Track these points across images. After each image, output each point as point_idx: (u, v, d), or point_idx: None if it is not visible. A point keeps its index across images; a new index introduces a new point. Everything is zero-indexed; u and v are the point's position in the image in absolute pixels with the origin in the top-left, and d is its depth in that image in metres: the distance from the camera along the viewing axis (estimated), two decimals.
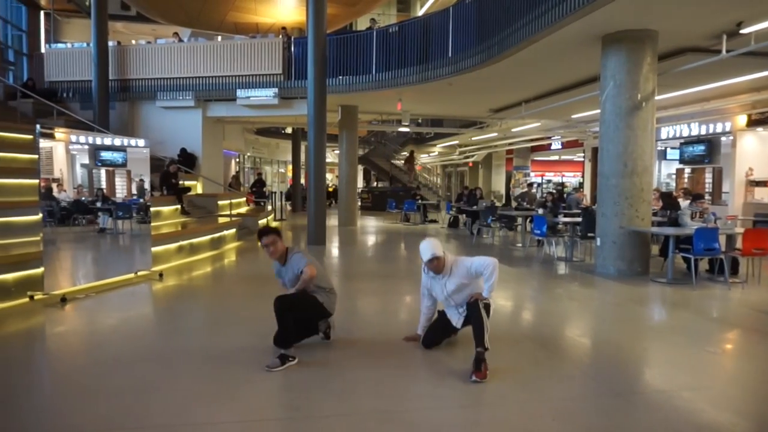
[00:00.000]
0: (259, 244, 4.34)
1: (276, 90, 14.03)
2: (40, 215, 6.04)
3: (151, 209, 8.84)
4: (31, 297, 5.82)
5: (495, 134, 21.34)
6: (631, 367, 4.27)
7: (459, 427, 3.08)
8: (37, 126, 5.98)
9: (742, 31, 7.45)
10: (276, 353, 3.99)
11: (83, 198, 9.91)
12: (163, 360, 4.17)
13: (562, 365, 4.21)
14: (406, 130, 21.63)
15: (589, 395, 3.64)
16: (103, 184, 10.20)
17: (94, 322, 5.42)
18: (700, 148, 14.98)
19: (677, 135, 16.01)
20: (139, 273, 7.43)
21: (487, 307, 4.06)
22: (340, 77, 13.54)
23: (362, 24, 21.22)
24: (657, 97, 8.31)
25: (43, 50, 17.25)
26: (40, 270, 5.89)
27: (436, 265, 4.16)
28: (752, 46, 7.33)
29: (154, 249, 8.00)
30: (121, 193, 10.36)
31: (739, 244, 7.72)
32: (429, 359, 4.25)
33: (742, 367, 4.33)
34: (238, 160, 24.89)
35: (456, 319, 4.30)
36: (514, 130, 19.62)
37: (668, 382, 3.79)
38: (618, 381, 3.84)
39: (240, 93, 14.22)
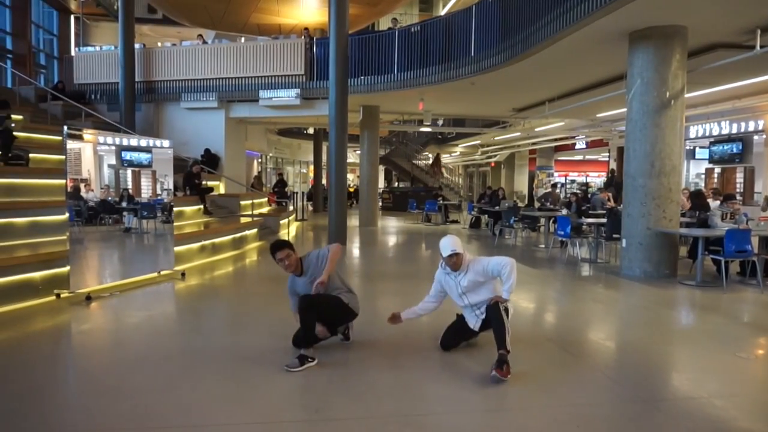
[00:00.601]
0: (274, 259, 4.27)
1: (298, 90, 14.10)
2: (67, 215, 6.14)
3: (174, 209, 8.92)
4: (58, 295, 5.93)
5: (518, 134, 21.11)
6: (659, 372, 4.14)
7: (481, 430, 3.02)
8: (65, 128, 6.08)
9: None
10: (295, 353, 3.98)
11: (110, 198, 10.12)
12: (185, 359, 4.19)
13: (587, 369, 4.11)
14: (428, 130, 21.55)
15: (615, 401, 3.54)
16: (129, 185, 10.39)
17: (119, 320, 5.50)
18: (731, 147, 14.57)
19: (707, 134, 15.61)
20: (162, 272, 7.52)
21: (506, 310, 4.00)
22: (362, 77, 13.53)
23: (384, 24, 21.21)
24: (686, 95, 8.10)
25: (72, 53, 17.66)
26: (67, 269, 5.99)
27: (455, 261, 4.11)
28: None
29: (176, 248, 8.09)
30: (146, 193, 10.53)
31: None
32: (449, 361, 4.19)
33: None
34: (260, 160, 25.13)
35: (473, 322, 4.25)
36: (537, 129, 19.39)
37: (698, 389, 3.66)
38: (645, 387, 3.72)
39: (262, 94, 14.34)
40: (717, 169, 16.16)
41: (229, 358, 4.15)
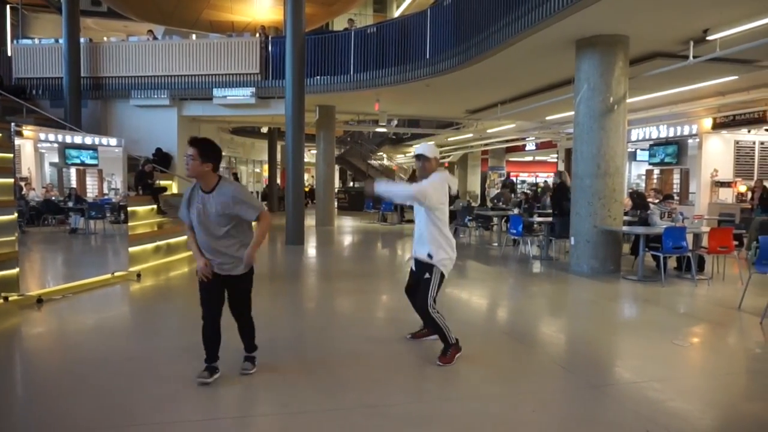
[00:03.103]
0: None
1: (253, 89, 13.95)
2: (16, 215, 5.91)
3: (128, 209, 8.70)
4: (6, 298, 5.72)
5: (471, 135, 21.59)
6: (605, 360, 4.44)
7: (443, 417, 3.17)
8: (12, 124, 5.85)
9: (708, 38, 7.76)
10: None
11: (53, 198, 9.72)
12: (147, 360, 4.16)
13: (540, 359, 4.36)
14: (383, 130, 21.73)
15: (566, 387, 3.79)
16: (73, 184, 10.01)
17: (74, 322, 5.35)
18: (668, 150, 15.47)
19: (647, 137, 16.47)
20: (116, 274, 7.34)
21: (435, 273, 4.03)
22: (318, 77, 13.55)
23: (338, 24, 21.23)
24: (628, 100, 8.57)
25: (9, 45, 16.79)
26: (15, 271, 5.78)
27: (421, 165, 4.11)
28: (717, 53, 7.65)
29: (131, 249, 7.90)
30: (92, 192, 10.19)
31: (705, 242, 8.02)
32: (412, 354, 4.33)
33: (708, 359, 4.54)
34: None
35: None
36: (489, 131, 19.90)
37: (640, 374, 3.96)
38: (593, 373, 3.99)
39: (216, 92, 14.11)
40: (656, 171, 17.10)
41: (193, 357, 4.14)
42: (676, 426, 3.07)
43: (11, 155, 5.91)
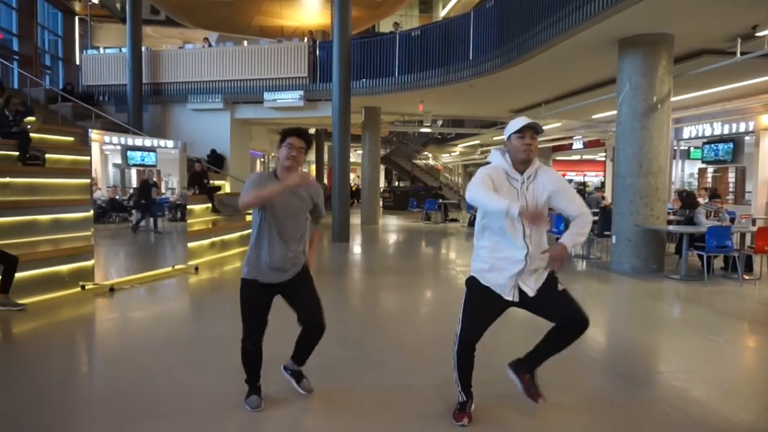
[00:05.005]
0: (285, 143, 3.10)
1: (301, 92, 14.51)
2: (92, 212, 6.55)
3: (187, 207, 9.34)
4: (83, 287, 6.35)
5: None
6: (636, 352, 4.58)
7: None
8: (89, 130, 6.51)
9: (757, 34, 7.63)
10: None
11: (117, 197, 10.51)
12: (204, 342, 4.62)
13: (574, 351, 4.52)
14: (428, 130, 21.95)
15: (594, 375, 3.98)
16: (134, 184, 10.77)
17: (143, 309, 5.95)
18: (723, 148, 15.01)
19: (700, 134, 16.02)
20: (177, 267, 7.95)
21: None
22: (364, 80, 13.95)
23: (385, 25, 21.61)
24: (677, 98, 8.50)
25: (77, 55, 18.03)
26: (92, 262, 6.42)
27: (531, 144, 2.86)
28: (766, 49, 7.51)
29: (189, 244, 8.50)
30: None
31: (751, 242, 7.90)
32: None
33: (738, 353, 4.63)
34: (263, 160, 25.50)
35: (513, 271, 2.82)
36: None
37: (667, 365, 4.12)
38: (622, 364, 4.16)
39: (267, 95, 14.75)
40: (710, 169, 16.59)
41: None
42: (695, 412, 3.23)
43: (88, 158, 6.56)
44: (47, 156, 9.38)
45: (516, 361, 3.15)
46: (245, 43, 17.05)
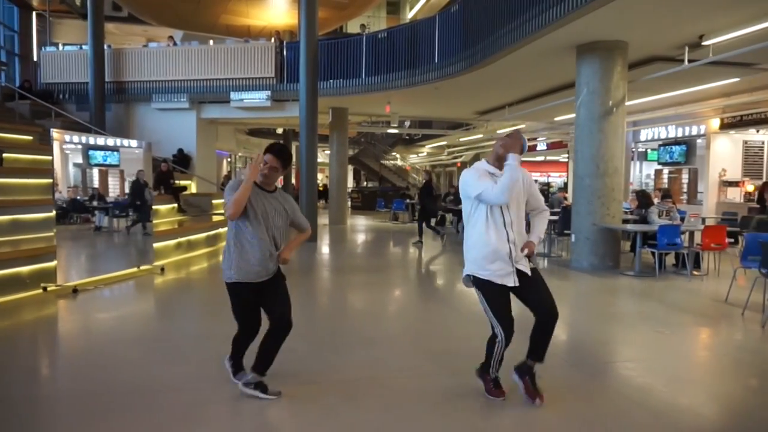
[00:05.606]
0: (260, 157, 3.32)
1: (269, 92, 14.48)
2: (54, 212, 6.46)
3: (153, 207, 9.25)
4: (45, 288, 6.26)
5: (481, 135, 21.94)
6: (589, 344, 4.84)
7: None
8: (51, 129, 6.41)
9: (703, 43, 8.06)
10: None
11: (78, 197, 10.31)
12: (170, 341, 4.65)
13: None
14: (395, 131, 22.16)
15: (549, 366, 4.17)
16: (96, 184, 10.59)
17: (108, 309, 5.91)
18: (677, 150, 15.70)
19: (656, 137, 16.69)
20: (142, 267, 7.88)
21: None
22: (331, 81, 14.02)
23: (352, 26, 21.70)
24: (633, 102, 8.90)
25: (34, 51, 17.51)
26: (54, 263, 6.33)
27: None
28: (711, 58, 7.96)
29: (155, 245, 8.44)
30: (113, 192, 10.75)
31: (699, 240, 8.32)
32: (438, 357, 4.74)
33: (683, 343, 4.92)
34: (229, 159, 25.28)
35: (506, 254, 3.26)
36: (499, 131, 20.19)
37: (617, 356, 4.37)
38: (575, 354, 4.40)
39: (233, 95, 14.67)
40: (665, 170, 17.30)
41: (211, 341, 4.61)
42: (638, 397, 3.47)
43: (50, 157, 6.47)
44: (4, 155, 9.15)
45: (519, 363, 3.53)
46: (211, 42, 16.90)
